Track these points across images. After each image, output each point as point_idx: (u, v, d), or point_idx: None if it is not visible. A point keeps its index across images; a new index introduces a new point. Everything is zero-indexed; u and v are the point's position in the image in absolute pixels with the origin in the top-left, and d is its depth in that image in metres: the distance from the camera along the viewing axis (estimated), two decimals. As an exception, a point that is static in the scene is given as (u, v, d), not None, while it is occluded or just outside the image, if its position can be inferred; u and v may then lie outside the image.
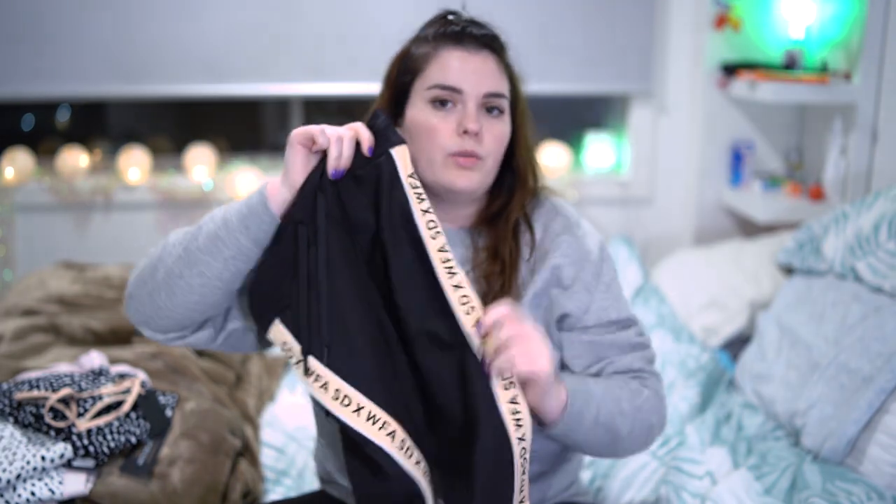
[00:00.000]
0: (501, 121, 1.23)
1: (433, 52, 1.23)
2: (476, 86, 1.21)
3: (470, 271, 1.25)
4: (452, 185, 1.21)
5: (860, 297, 1.83)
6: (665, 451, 1.81)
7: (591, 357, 1.27)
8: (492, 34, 1.25)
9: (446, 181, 1.21)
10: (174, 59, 2.80)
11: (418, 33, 1.28)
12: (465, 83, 1.20)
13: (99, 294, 2.20)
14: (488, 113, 1.22)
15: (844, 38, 2.47)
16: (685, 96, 2.96)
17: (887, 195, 1.93)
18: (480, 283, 1.24)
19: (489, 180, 1.24)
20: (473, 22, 1.26)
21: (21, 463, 1.45)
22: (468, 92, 1.20)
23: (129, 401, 1.62)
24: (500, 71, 1.24)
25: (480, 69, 1.22)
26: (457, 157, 1.20)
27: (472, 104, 1.20)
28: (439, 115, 1.21)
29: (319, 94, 2.95)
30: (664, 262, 2.74)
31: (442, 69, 1.21)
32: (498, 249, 1.26)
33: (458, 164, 1.20)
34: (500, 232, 1.27)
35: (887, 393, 1.62)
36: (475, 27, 1.25)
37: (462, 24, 1.25)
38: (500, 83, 1.23)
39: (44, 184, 2.87)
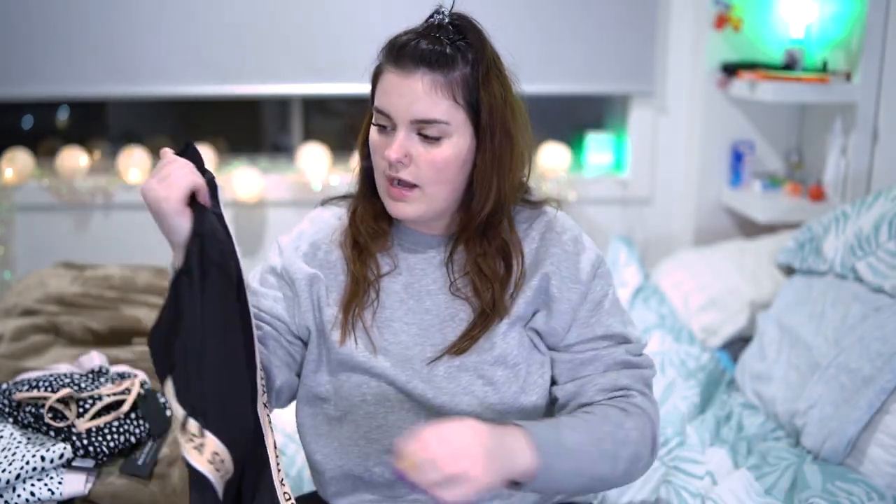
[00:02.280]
0: (440, 145, 1.16)
1: (380, 68, 1.21)
2: (403, 111, 1.16)
3: (451, 284, 1.24)
4: (391, 213, 1.21)
5: (860, 297, 1.83)
6: (665, 451, 1.81)
7: (570, 375, 1.24)
8: (432, 49, 1.15)
9: (386, 207, 1.21)
10: (174, 59, 2.80)
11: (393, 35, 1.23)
12: (392, 108, 1.16)
13: (99, 294, 2.20)
14: (424, 138, 1.17)
15: (844, 38, 2.47)
16: (685, 96, 2.96)
17: (887, 195, 1.93)
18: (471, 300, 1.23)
19: (438, 206, 1.20)
20: (438, 28, 1.18)
21: (20, 463, 1.45)
22: (395, 118, 1.17)
23: (128, 401, 1.62)
24: (438, 92, 1.15)
25: (409, 93, 1.15)
26: (390, 184, 1.19)
27: (402, 131, 1.16)
28: (381, 137, 1.19)
29: (319, 94, 2.95)
30: (664, 262, 2.74)
31: (380, 90, 1.19)
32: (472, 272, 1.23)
33: (390, 193, 1.19)
34: (477, 253, 1.23)
35: (887, 393, 1.62)
36: (425, 39, 1.17)
37: (416, 34, 1.18)
38: (433, 107, 1.15)
39: (43, 184, 2.87)
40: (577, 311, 1.23)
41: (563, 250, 1.24)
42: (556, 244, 1.25)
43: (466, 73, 1.17)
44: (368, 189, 1.29)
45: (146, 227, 3.06)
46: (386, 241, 1.29)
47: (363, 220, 1.29)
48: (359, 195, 1.31)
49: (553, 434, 1.10)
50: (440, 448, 1.01)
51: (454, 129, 1.17)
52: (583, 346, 1.24)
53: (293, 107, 3.11)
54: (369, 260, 1.28)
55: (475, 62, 1.17)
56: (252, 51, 2.81)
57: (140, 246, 2.93)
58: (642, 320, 2.38)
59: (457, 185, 1.20)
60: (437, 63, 1.15)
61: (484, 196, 1.20)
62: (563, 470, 1.09)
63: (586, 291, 1.24)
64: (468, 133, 1.18)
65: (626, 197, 3.04)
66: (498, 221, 1.24)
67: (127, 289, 2.26)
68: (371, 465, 1.25)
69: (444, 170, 1.17)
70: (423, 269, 1.27)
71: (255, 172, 2.89)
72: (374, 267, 1.28)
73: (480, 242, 1.24)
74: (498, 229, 1.24)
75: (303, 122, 3.11)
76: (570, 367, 1.24)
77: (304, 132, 3.12)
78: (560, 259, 1.24)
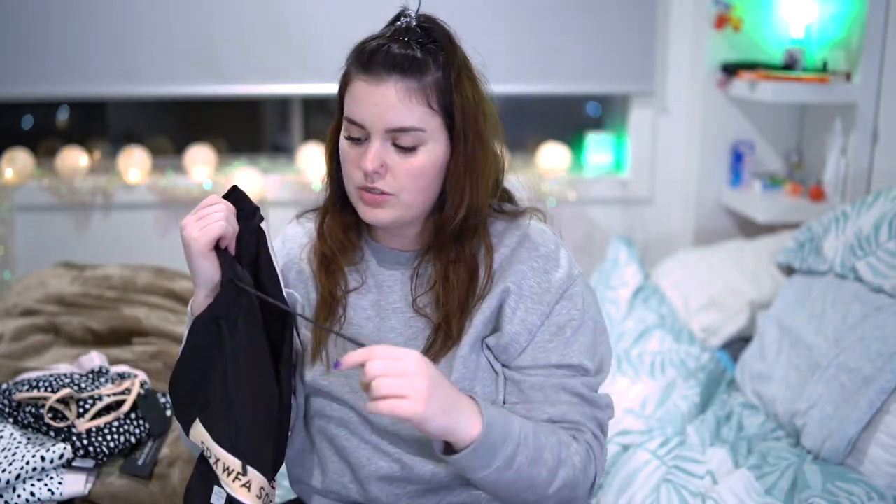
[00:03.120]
0: (416, 154, 1.13)
1: (349, 76, 1.16)
2: (377, 121, 1.11)
3: (413, 302, 1.21)
4: (365, 219, 1.17)
5: (860, 297, 1.83)
6: (665, 451, 1.81)
7: (518, 397, 1.17)
8: (404, 55, 1.12)
9: (360, 214, 1.17)
10: (174, 59, 2.80)
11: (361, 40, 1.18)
12: (366, 118, 1.12)
13: (99, 294, 2.20)
14: (399, 148, 1.13)
15: (844, 38, 2.47)
16: (685, 96, 2.96)
17: (887, 195, 1.93)
18: (430, 312, 1.19)
19: (412, 213, 1.17)
20: (405, 32, 1.14)
21: (20, 463, 1.45)
22: (369, 128, 1.12)
23: (128, 401, 1.62)
24: (412, 99, 1.11)
25: (382, 101, 1.11)
26: (363, 191, 1.15)
27: (377, 141, 1.12)
28: (352, 147, 1.15)
29: (319, 94, 2.95)
30: (664, 262, 2.74)
31: (351, 99, 1.14)
32: (439, 280, 1.19)
33: (364, 199, 1.15)
34: (449, 259, 1.19)
35: (888, 393, 1.62)
36: (397, 44, 1.13)
37: (384, 39, 1.14)
38: (407, 115, 1.11)
39: (44, 184, 2.87)
40: (535, 334, 1.17)
41: (529, 267, 1.18)
42: (525, 260, 1.19)
43: (439, 77, 1.13)
44: (338, 200, 1.24)
45: (146, 227, 3.08)
46: (355, 255, 1.26)
47: (332, 233, 1.25)
48: (327, 206, 1.27)
49: (502, 417, 1.07)
50: (390, 361, 1.00)
51: (429, 136, 1.13)
52: (535, 370, 1.17)
53: (293, 107, 3.11)
54: (338, 274, 1.24)
55: (446, 65, 1.14)
56: (252, 51, 2.81)
57: (140, 246, 2.93)
58: (642, 320, 2.38)
59: (432, 192, 1.17)
60: (410, 69, 1.11)
61: (457, 201, 1.16)
62: (499, 454, 1.05)
63: (548, 313, 1.18)
64: (443, 138, 1.15)
65: (626, 197, 3.04)
66: (472, 227, 1.19)
67: (127, 289, 2.26)
68: (347, 482, 1.26)
69: (421, 178, 1.14)
70: (391, 287, 1.24)
71: (255, 172, 2.89)
72: (342, 282, 1.24)
73: (454, 248, 1.19)
74: (471, 235, 1.19)
75: (303, 122, 3.11)
76: (519, 390, 1.18)
77: (304, 132, 3.12)
78: (524, 276, 1.18)
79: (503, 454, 1.05)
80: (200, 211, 1.13)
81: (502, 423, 1.06)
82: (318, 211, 1.30)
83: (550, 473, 1.10)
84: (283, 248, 1.31)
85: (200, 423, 1.12)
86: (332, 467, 1.26)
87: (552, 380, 1.17)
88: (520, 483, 1.08)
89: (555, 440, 1.11)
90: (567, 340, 1.18)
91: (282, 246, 1.32)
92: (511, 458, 1.06)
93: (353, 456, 1.24)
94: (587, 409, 1.17)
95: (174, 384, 1.15)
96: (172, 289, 2.29)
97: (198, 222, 1.12)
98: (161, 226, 2.95)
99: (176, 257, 2.93)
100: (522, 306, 1.17)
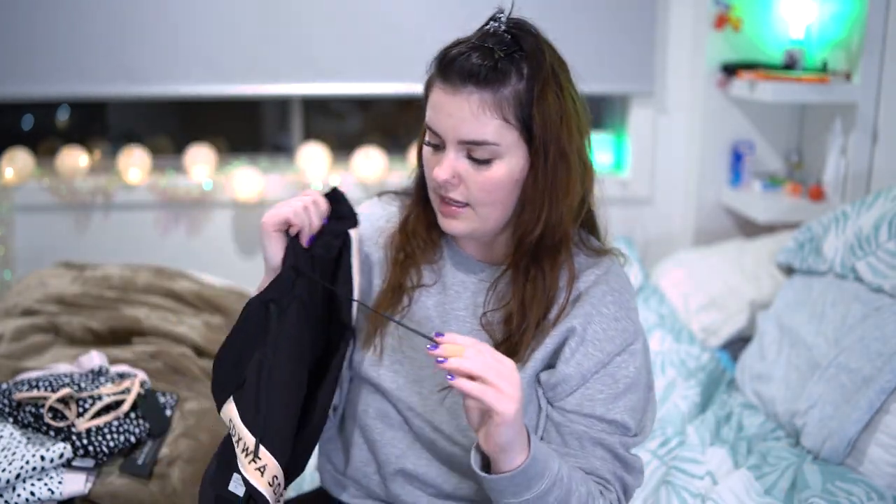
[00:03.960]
0: (489, 167, 1.09)
1: (430, 82, 1.13)
2: (450, 131, 1.09)
3: (483, 316, 1.18)
4: (442, 228, 1.16)
5: (860, 297, 1.83)
6: (665, 451, 1.81)
7: (555, 438, 1.15)
8: (481, 65, 1.06)
9: (439, 222, 1.16)
10: (174, 59, 2.80)
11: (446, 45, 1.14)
12: (440, 128, 1.10)
13: (99, 294, 2.20)
14: (473, 160, 1.10)
15: (844, 38, 2.47)
16: (685, 96, 2.96)
17: (887, 195, 1.93)
18: (496, 328, 1.17)
19: (490, 226, 1.14)
20: (491, 37, 1.08)
21: (20, 463, 1.45)
22: (444, 137, 1.10)
23: (128, 400, 1.62)
24: (486, 112, 1.06)
25: (456, 112, 1.07)
26: (441, 200, 1.14)
27: (451, 151, 1.10)
28: (433, 154, 1.13)
29: (319, 94, 2.95)
30: (664, 262, 2.74)
31: (430, 106, 1.12)
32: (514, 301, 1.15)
33: (441, 210, 1.14)
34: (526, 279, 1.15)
35: (887, 393, 1.62)
36: (478, 52, 1.07)
37: (467, 45, 1.09)
38: (480, 129, 1.07)
39: (44, 184, 2.87)
40: (587, 379, 1.14)
41: (598, 311, 1.14)
42: (597, 302, 1.15)
43: (520, 89, 1.07)
44: (422, 197, 1.23)
45: (146, 227, 3.08)
46: (434, 254, 1.25)
47: (415, 230, 1.24)
48: (414, 201, 1.26)
49: (546, 454, 1.05)
50: (495, 361, 0.97)
51: (505, 150, 1.09)
52: (578, 417, 1.14)
53: (293, 107, 3.11)
54: (412, 268, 1.24)
55: (530, 76, 1.08)
56: (252, 51, 2.81)
57: (140, 246, 2.93)
58: (642, 320, 2.38)
59: (509, 206, 1.13)
60: (486, 80, 1.06)
61: (533, 217, 1.12)
62: (533, 488, 1.02)
63: (606, 362, 1.14)
64: (521, 152, 1.10)
65: (626, 197, 3.04)
66: (552, 246, 1.14)
67: (127, 289, 2.26)
68: (370, 473, 1.26)
69: (495, 191, 1.10)
70: (458, 293, 1.22)
71: (255, 172, 2.89)
72: (414, 276, 1.24)
73: (533, 266, 1.15)
74: (555, 256, 1.15)
75: (303, 122, 3.11)
76: (558, 432, 1.15)
77: (304, 132, 3.12)
78: (591, 319, 1.14)
79: (536, 489, 1.03)
80: (290, 199, 1.15)
81: (544, 459, 1.04)
82: (406, 204, 1.29)
83: None
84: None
85: (233, 400, 1.12)
86: (359, 455, 1.27)
87: (591, 432, 1.14)
88: None
89: (584, 490, 1.08)
90: (617, 395, 1.14)
91: None
92: (543, 494, 1.03)
93: (382, 451, 1.24)
94: (618, 469, 1.15)
95: (217, 360, 1.15)
96: (172, 289, 2.29)
97: (276, 206, 1.15)
98: (161, 226, 2.95)
99: (176, 257, 2.95)
100: (582, 350, 1.14)
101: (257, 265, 1.35)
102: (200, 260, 2.91)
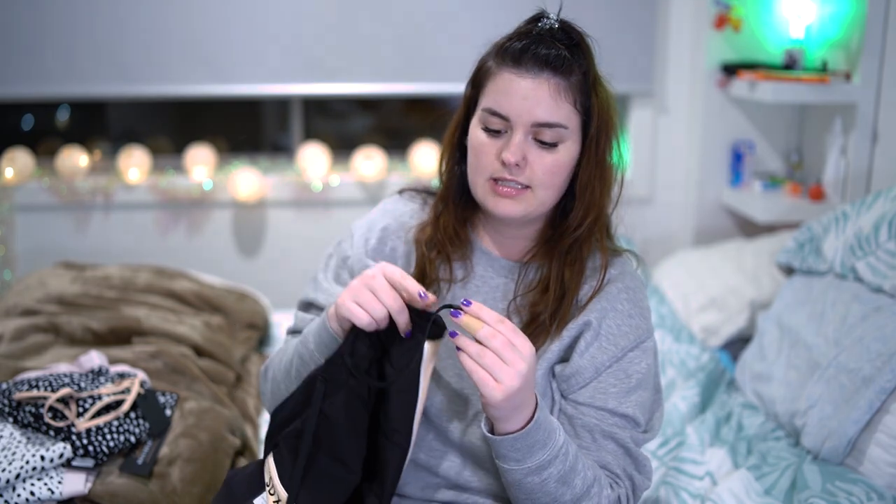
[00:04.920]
0: (556, 151, 1.15)
1: (494, 69, 1.17)
2: (524, 114, 1.13)
3: (511, 301, 1.21)
4: (492, 211, 1.18)
5: (860, 297, 1.83)
6: (665, 452, 1.81)
7: (567, 432, 1.17)
8: (557, 54, 1.14)
9: (487, 205, 1.18)
10: (174, 59, 2.80)
11: (504, 37, 1.19)
12: (512, 111, 1.14)
13: (99, 294, 2.20)
14: (542, 143, 1.15)
15: (844, 38, 2.47)
16: (685, 96, 2.96)
17: (887, 195, 1.93)
18: (522, 313, 1.20)
19: (541, 210, 1.19)
20: (549, 33, 1.16)
21: (20, 463, 1.45)
22: (515, 120, 1.14)
23: (128, 400, 1.62)
24: (561, 96, 1.14)
25: (533, 95, 1.13)
26: (496, 184, 1.16)
27: (520, 133, 1.14)
28: (488, 138, 1.16)
29: (319, 94, 2.95)
30: (664, 262, 2.74)
31: (496, 92, 1.16)
32: (552, 281, 1.19)
33: (496, 191, 1.16)
34: (565, 262, 1.20)
35: (887, 393, 1.62)
36: (545, 44, 1.14)
37: (530, 39, 1.15)
38: (556, 111, 1.14)
39: (44, 184, 2.87)
40: (601, 373, 1.18)
41: (614, 307, 1.20)
42: (613, 299, 1.20)
43: (581, 79, 1.16)
44: (456, 193, 1.26)
45: (146, 227, 3.08)
46: (466, 251, 1.27)
47: (446, 227, 1.26)
48: (445, 198, 1.28)
49: (551, 426, 1.08)
50: (508, 345, 1.01)
51: (569, 135, 1.16)
52: (590, 409, 1.18)
53: (293, 107, 3.11)
54: (443, 264, 1.26)
55: (586, 70, 1.17)
56: (252, 51, 2.81)
57: (140, 246, 2.93)
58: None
59: (561, 191, 1.19)
60: (561, 67, 1.14)
61: (585, 204, 1.19)
62: (536, 455, 1.06)
63: (619, 357, 1.19)
64: (578, 139, 1.17)
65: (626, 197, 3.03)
66: (593, 233, 1.21)
67: (127, 289, 2.26)
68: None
69: (558, 174, 1.16)
70: (478, 287, 1.26)
71: (255, 172, 2.89)
72: (445, 270, 1.26)
73: (572, 251, 1.20)
74: (590, 241, 1.21)
75: (303, 122, 3.12)
76: (571, 425, 1.19)
77: (304, 132, 3.12)
78: (606, 314, 1.19)
79: (539, 457, 1.07)
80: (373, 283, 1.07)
81: (548, 430, 1.08)
82: (426, 196, 1.32)
83: (574, 500, 1.10)
84: (383, 221, 1.32)
85: (272, 457, 1.14)
86: None
87: (603, 425, 1.17)
88: (542, 496, 1.09)
89: (591, 475, 1.12)
90: (629, 390, 1.18)
91: (381, 217, 1.32)
92: (544, 465, 1.07)
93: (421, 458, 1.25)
94: (629, 466, 1.18)
95: (273, 412, 1.17)
96: (172, 289, 2.29)
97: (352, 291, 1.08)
98: (161, 226, 2.95)
99: (176, 257, 2.95)
100: (597, 344, 1.18)
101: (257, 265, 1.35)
102: (200, 260, 2.91)
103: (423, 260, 1.26)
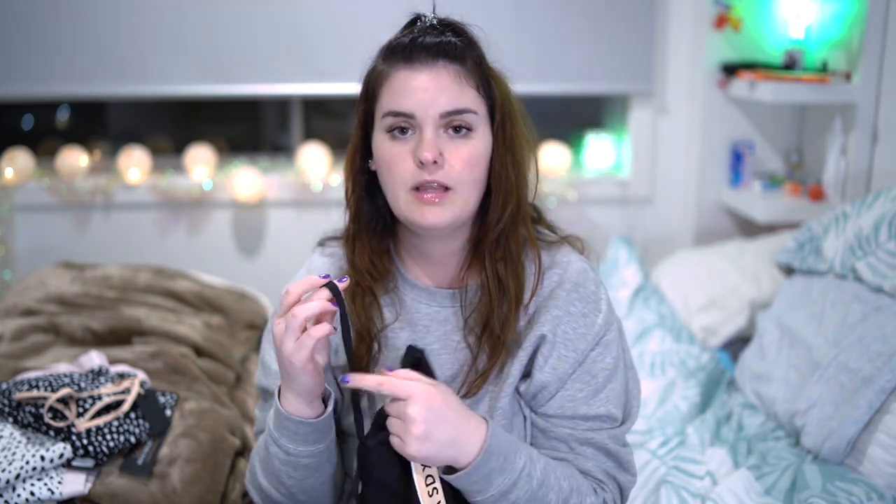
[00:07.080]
0: (471, 139, 1.10)
1: (385, 72, 1.11)
2: (430, 107, 1.07)
3: (465, 326, 1.16)
4: (420, 223, 1.10)
5: (860, 297, 1.83)
6: (665, 451, 1.81)
7: (542, 444, 1.15)
8: (447, 41, 1.09)
9: (413, 219, 1.10)
10: (174, 59, 2.80)
11: (384, 45, 1.14)
12: (415, 106, 1.07)
13: (99, 294, 2.20)
14: (455, 133, 1.09)
15: (844, 38, 2.47)
16: (685, 96, 2.96)
17: (887, 195, 1.93)
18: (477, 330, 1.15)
19: (466, 210, 1.12)
20: (431, 28, 1.11)
21: (20, 463, 1.45)
22: (420, 116, 1.08)
23: (128, 401, 1.62)
24: (462, 81, 1.09)
25: (433, 86, 1.07)
26: (418, 192, 1.09)
27: (430, 129, 1.08)
28: (397, 145, 1.09)
29: (319, 94, 2.95)
30: (664, 262, 2.74)
31: (393, 93, 1.09)
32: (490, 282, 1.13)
33: (420, 200, 1.09)
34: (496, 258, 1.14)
35: (887, 393, 1.62)
36: (430, 34, 1.10)
37: (414, 33, 1.11)
38: (461, 96, 1.08)
39: (44, 184, 2.87)
40: (565, 381, 1.14)
41: (566, 312, 1.14)
42: (563, 304, 1.15)
43: (476, 66, 1.11)
44: (366, 225, 1.19)
45: (146, 227, 3.08)
46: (388, 282, 1.20)
47: (363, 261, 1.19)
48: (353, 230, 1.20)
49: (507, 449, 1.05)
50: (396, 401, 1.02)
51: (480, 121, 1.11)
52: (561, 420, 1.15)
53: (293, 107, 3.11)
54: (373, 307, 1.19)
55: (479, 57, 1.13)
56: (252, 51, 2.81)
57: (140, 246, 2.93)
58: (642, 320, 2.38)
59: (482, 186, 1.13)
60: (454, 53, 1.09)
61: (502, 193, 1.12)
62: (495, 483, 1.04)
63: (581, 360, 1.14)
64: (488, 127, 1.12)
65: (626, 197, 3.04)
66: (515, 225, 1.15)
67: (127, 289, 2.26)
68: None
69: (476, 166, 1.10)
70: (427, 326, 1.19)
71: (255, 172, 2.89)
72: (377, 317, 1.19)
73: (500, 246, 1.14)
74: (515, 234, 1.15)
75: (303, 122, 3.12)
76: (546, 438, 1.15)
77: (304, 132, 3.12)
78: (560, 321, 1.14)
79: (499, 483, 1.04)
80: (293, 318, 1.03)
81: (503, 455, 1.05)
82: (343, 241, 1.24)
83: None
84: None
85: None
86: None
87: (577, 433, 1.14)
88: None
89: (567, 486, 1.09)
90: (597, 390, 1.14)
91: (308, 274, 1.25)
92: (507, 489, 1.05)
93: None
94: (611, 468, 1.15)
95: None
96: (172, 289, 2.29)
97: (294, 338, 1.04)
98: (161, 226, 2.95)
99: (176, 257, 2.95)
100: (555, 354, 1.14)
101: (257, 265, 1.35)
102: (200, 260, 2.91)
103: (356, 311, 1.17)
